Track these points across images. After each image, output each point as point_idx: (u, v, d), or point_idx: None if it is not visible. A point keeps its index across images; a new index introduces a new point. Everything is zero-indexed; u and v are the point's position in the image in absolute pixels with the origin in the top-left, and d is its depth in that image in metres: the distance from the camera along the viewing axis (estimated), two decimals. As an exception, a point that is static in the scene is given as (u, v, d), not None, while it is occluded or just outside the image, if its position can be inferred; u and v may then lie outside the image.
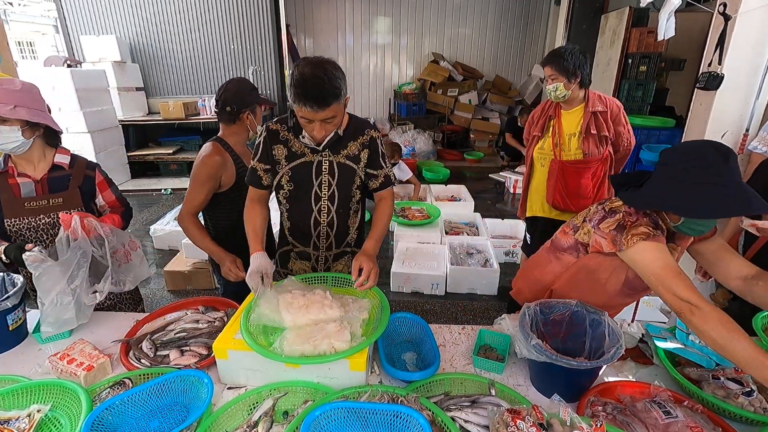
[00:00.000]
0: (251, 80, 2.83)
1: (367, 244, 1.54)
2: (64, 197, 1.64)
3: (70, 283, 1.44)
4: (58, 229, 1.57)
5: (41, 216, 1.62)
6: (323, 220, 1.61)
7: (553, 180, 2.45)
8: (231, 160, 1.82)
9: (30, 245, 1.47)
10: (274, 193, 1.64)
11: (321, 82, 1.28)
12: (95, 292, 1.50)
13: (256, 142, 1.57)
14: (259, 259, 1.45)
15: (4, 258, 1.51)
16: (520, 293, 1.69)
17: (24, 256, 1.42)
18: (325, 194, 1.57)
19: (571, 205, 2.43)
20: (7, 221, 1.59)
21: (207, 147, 1.80)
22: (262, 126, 1.62)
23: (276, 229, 1.95)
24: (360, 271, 1.42)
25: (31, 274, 1.46)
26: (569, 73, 2.25)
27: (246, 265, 1.67)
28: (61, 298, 1.43)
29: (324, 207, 1.59)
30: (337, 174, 1.55)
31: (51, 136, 1.63)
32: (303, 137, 1.47)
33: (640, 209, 1.28)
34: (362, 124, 1.58)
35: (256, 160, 1.56)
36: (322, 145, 1.48)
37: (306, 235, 1.64)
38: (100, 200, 1.77)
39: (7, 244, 1.54)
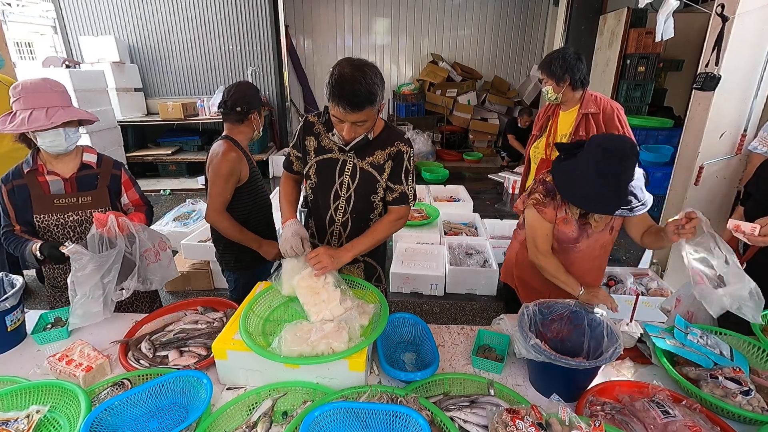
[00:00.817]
0: (250, 81, 2.86)
1: (341, 250, 1.50)
2: (93, 196, 1.67)
3: (103, 278, 1.47)
4: (86, 227, 1.65)
5: (70, 213, 1.65)
6: (338, 219, 1.63)
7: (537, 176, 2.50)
8: (243, 156, 1.90)
9: (63, 246, 1.51)
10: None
11: (358, 85, 1.27)
12: (122, 289, 1.54)
13: (295, 130, 1.65)
14: (294, 225, 1.53)
15: (38, 255, 1.55)
16: (510, 277, 1.98)
17: (67, 249, 1.45)
18: (343, 194, 1.59)
19: None
20: (36, 217, 1.61)
21: (221, 144, 1.87)
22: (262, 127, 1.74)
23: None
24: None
25: (55, 271, 1.64)
26: (557, 77, 2.30)
27: (259, 256, 1.96)
28: (93, 292, 1.46)
29: (341, 206, 1.61)
30: (357, 178, 1.56)
31: None
32: (333, 134, 1.47)
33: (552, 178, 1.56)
34: (395, 135, 1.56)
35: (291, 146, 1.65)
36: (350, 146, 1.48)
37: (321, 231, 1.68)
38: (124, 199, 1.80)
39: (41, 242, 1.57)
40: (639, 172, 1.42)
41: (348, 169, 1.55)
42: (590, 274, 1.71)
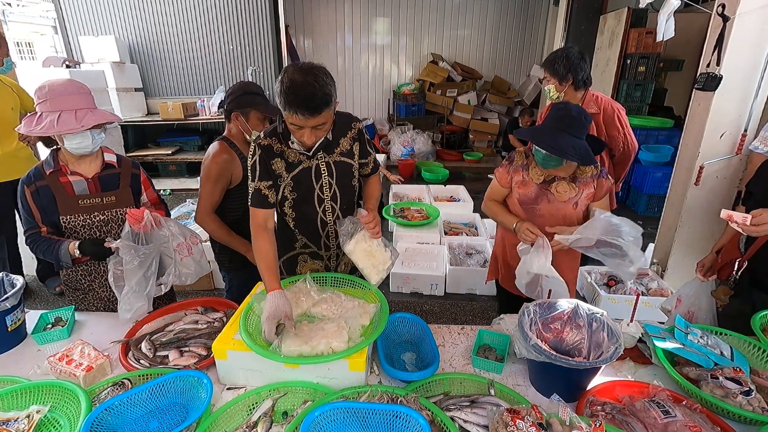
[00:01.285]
0: (250, 81, 2.83)
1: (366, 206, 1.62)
2: (116, 195, 1.68)
3: (146, 272, 1.51)
4: (112, 226, 1.66)
5: (95, 213, 1.65)
6: (329, 220, 1.62)
7: None
8: (237, 157, 1.87)
9: (108, 242, 1.55)
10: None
11: (312, 88, 1.25)
12: (160, 284, 1.58)
13: (250, 163, 1.50)
14: (275, 302, 1.30)
15: (77, 253, 1.56)
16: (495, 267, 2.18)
17: (114, 244, 1.52)
18: (327, 195, 1.57)
19: None
20: (62, 218, 1.61)
21: (214, 146, 1.86)
22: (259, 132, 1.60)
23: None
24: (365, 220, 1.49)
25: (78, 273, 1.68)
26: (560, 76, 2.30)
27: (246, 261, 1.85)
28: (139, 286, 1.49)
29: (328, 207, 1.59)
30: (335, 173, 1.56)
31: None
32: (292, 143, 1.45)
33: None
34: (347, 118, 1.59)
35: (256, 180, 1.48)
36: (313, 150, 1.47)
37: (316, 236, 1.66)
38: (144, 198, 1.81)
39: (76, 240, 1.59)
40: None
41: (323, 169, 1.54)
42: (559, 253, 1.79)
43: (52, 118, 1.48)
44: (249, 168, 1.50)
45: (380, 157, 5.13)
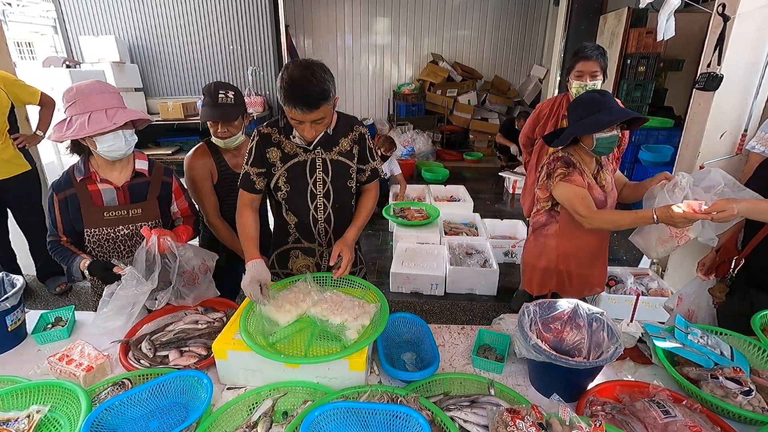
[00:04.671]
0: (250, 81, 2.81)
1: (348, 232, 1.59)
2: (142, 208, 1.64)
3: (131, 308, 1.46)
4: (136, 240, 1.63)
5: (120, 227, 1.62)
6: (320, 217, 1.63)
7: None
8: (214, 162, 1.89)
9: (118, 268, 1.49)
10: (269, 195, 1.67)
11: (310, 84, 1.29)
12: (156, 299, 1.52)
13: (249, 147, 1.56)
14: (256, 268, 1.42)
15: (86, 274, 1.54)
16: (546, 280, 1.99)
17: (122, 271, 1.45)
18: (320, 191, 1.58)
19: None
20: (87, 231, 1.59)
21: (189, 154, 1.90)
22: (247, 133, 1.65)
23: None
24: (339, 259, 1.49)
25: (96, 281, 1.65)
26: (605, 71, 2.31)
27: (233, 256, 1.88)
28: (119, 312, 1.45)
29: (320, 204, 1.60)
30: (331, 171, 1.57)
31: None
32: (294, 137, 1.49)
33: (563, 146, 1.75)
34: (350, 120, 1.61)
35: (249, 164, 1.55)
36: (313, 144, 1.49)
37: (308, 232, 1.67)
38: (174, 207, 1.78)
39: (90, 259, 1.55)
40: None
41: (319, 165, 1.56)
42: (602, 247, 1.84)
43: (82, 120, 1.44)
44: (247, 149, 1.57)
45: (396, 170, 5.07)
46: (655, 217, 1.55)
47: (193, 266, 1.63)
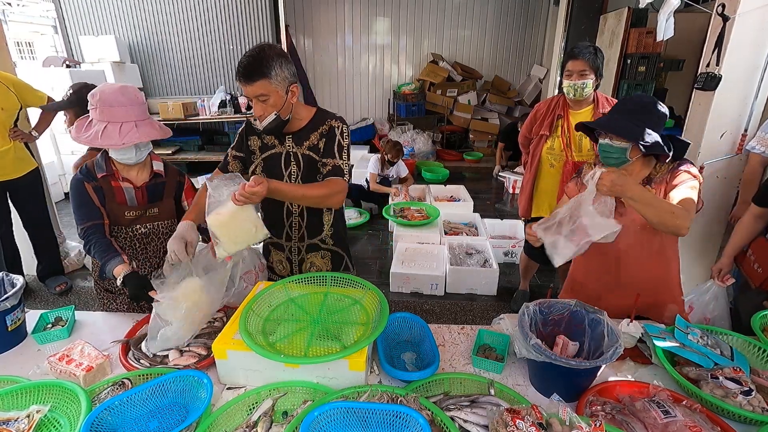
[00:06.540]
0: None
1: (278, 182, 1.40)
2: (159, 207, 1.70)
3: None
4: (152, 239, 1.68)
5: (138, 227, 1.65)
6: (295, 210, 1.65)
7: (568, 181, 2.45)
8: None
9: (153, 292, 1.33)
10: None
11: (251, 59, 1.36)
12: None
13: (238, 132, 1.66)
14: (185, 227, 1.47)
15: (119, 282, 1.45)
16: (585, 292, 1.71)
17: (157, 296, 1.31)
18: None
19: None
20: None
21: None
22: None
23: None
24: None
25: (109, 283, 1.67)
26: (598, 70, 2.23)
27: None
28: (183, 328, 1.36)
29: None
30: (302, 165, 1.59)
31: None
32: (255, 120, 1.51)
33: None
34: (326, 115, 1.60)
35: (231, 147, 1.66)
36: (263, 127, 1.47)
37: (279, 225, 1.68)
38: (184, 205, 1.82)
39: (129, 268, 1.47)
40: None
41: (292, 158, 1.58)
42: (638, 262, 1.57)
43: (98, 129, 1.49)
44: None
45: (403, 172, 5.10)
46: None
47: (254, 265, 1.64)
